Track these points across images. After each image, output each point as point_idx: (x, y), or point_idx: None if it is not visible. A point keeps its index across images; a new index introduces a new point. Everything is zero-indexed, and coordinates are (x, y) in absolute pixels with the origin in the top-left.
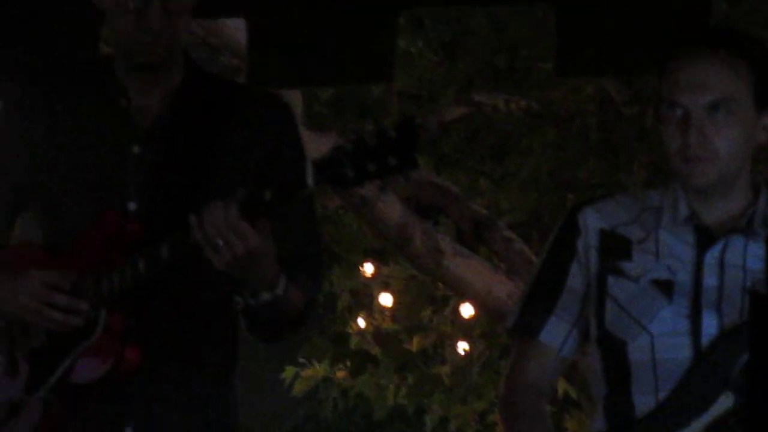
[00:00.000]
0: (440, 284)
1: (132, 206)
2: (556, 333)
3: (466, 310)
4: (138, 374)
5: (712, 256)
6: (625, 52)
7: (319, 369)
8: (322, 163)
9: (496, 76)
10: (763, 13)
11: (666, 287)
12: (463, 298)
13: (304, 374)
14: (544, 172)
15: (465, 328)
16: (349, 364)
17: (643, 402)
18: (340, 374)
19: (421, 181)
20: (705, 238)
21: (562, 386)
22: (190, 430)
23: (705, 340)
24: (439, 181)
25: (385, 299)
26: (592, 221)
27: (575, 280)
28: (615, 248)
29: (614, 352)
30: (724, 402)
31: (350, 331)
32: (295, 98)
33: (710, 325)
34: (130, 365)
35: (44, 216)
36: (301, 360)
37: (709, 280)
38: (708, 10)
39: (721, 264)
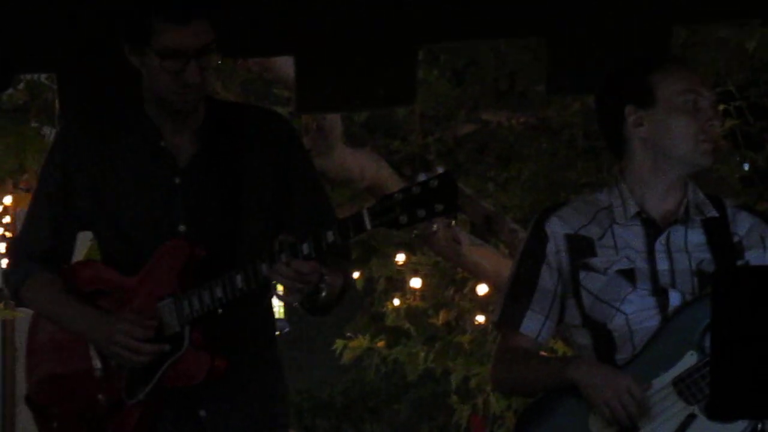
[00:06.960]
0: (459, 268)
1: (182, 228)
2: (533, 325)
3: (481, 289)
4: None
5: (660, 244)
6: (603, 73)
7: (362, 341)
8: (376, 211)
9: (499, 97)
10: (717, 39)
11: (629, 275)
12: (479, 279)
13: (351, 345)
14: (540, 175)
15: (481, 304)
16: (386, 336)
17: (623, 361)
18: (380, 344)
19: None
20: (652, 229)
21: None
22: (251, 402)
23: (671, 311)
24: None
25: (415, 282)
26: (557, 228)
27: (545, 280)
28: (581, 248)
29: (599, 332)
30: (689, 359)
31: (387, 309)
32: (335, 120)
33: (675, 299)
34: (219, 371)
35: (105, 236)
36: (348, 334)
37: (662, 264)
38: (669, 37)
39: (668, 250)
